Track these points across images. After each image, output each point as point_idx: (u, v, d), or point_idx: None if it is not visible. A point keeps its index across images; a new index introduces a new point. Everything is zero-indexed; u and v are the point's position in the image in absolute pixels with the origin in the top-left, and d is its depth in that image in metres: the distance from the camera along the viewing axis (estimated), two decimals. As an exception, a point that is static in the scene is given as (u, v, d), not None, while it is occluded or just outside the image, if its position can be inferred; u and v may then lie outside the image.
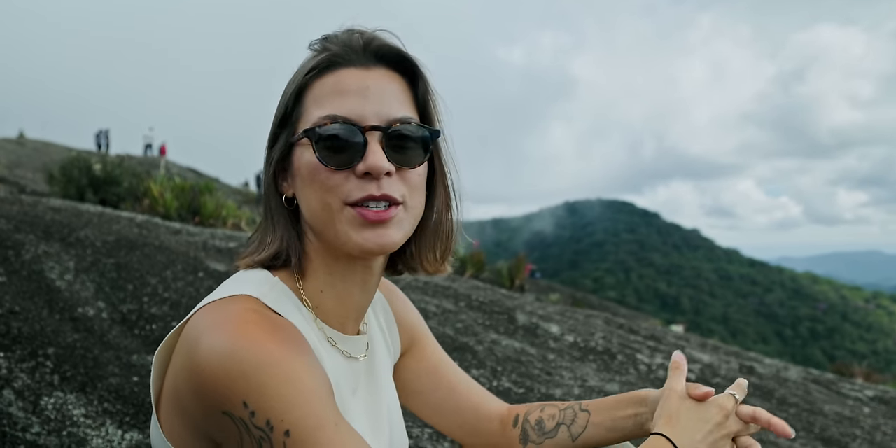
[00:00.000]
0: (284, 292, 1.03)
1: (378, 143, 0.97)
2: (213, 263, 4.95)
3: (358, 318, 1.12)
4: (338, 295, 1.07)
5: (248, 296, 0.97)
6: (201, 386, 0.87)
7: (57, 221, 5.05)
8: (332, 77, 1.00)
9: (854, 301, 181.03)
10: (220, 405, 0.86)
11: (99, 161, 10.77)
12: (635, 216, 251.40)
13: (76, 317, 3.54)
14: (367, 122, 0.97)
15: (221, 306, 0.94)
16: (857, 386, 6.68)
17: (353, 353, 1.10)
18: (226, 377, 0.85)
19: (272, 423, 0.83)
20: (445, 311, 5.30)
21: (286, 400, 0.84)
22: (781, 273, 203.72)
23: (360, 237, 0.97)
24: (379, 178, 0.97)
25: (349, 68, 1.00)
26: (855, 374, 9.04)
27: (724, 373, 5.57)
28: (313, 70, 1.00)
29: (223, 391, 0.85)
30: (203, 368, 0.86)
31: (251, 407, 0.84)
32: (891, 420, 5.40)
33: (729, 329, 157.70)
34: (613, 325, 6.87)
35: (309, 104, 1.00)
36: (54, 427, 2.54)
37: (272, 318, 0.94)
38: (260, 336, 0.88)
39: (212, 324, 0.91)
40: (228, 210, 9.38)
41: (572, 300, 19.46)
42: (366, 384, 1.13)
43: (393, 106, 0.99)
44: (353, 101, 0.98)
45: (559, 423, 1.25)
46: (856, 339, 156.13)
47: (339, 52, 1.00)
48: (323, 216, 0.99)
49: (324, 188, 0.97)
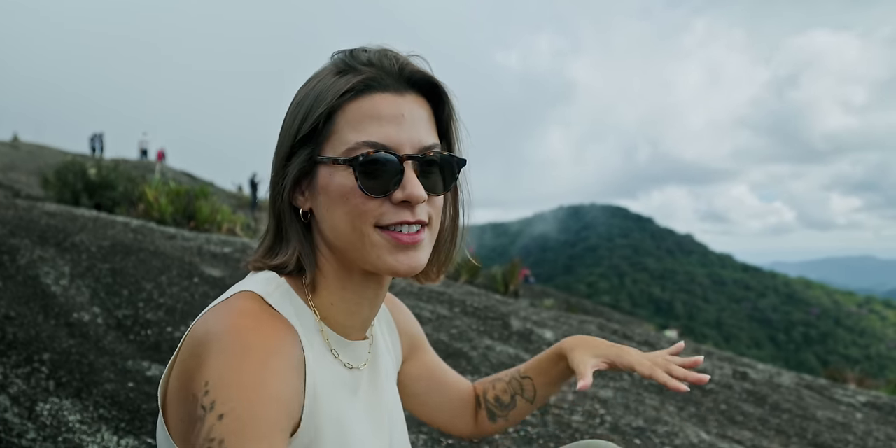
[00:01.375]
0: (288, 294, 1.05)
1: (413, 172, 0.99)
2: (208, 268, 4.95)
3: (364, 327, 1.14)
4: (348, 309, 1.09)
5: (252, 292, 1.00)
6: (190, 360, 0.92)
7: (52, 226, 5.05)
8: (367, 101, 1.00)
9: (847, 306, 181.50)
10: (193, 383, 0.89)
11: (94, 165, 10.76)
12: (629, 221, 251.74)
13: (71, 322, 3.54)
14: (403, 150, 0.99)
15: (226, 303, 0.98)
16: (849, 391, 6.70)
17: (354, 359, 1.12)
18: (203, 356, 0.89)
19: (216, 404, 0.85)
20: (440, 316, 5.31)
21: (239, 390, 0.85)
22: (775, 278, 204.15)
23: (394, 260, 1.00)
24: (416, 205, 1.00)
25: (384, 93, 1.01)
26: (848, 379, 9.07)
27: (717, 378, 5.59)
28: (349, 92, 1.00)
29: (197, 367, 0.89)
30: (196, 344, 0.92)
31: (208, 386, 0.86)
32: (883, 426, 5.42)
33: (722, 334, 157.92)
34: (607, 331, 6.89)
35: (342, 126, 1.00)
36: (50, 433, 2.54)
37: (270, 313, 0.97)
38: (252, 325, 0.92)
39: (216, 316, 0.95)
40: (223, 215, 9.37)
41: (566, 305, 19.47)
42: (367, 390, 1.14)
43: (423, 133, 1.02)
44: (389, 128, 0.99)
45: (513, 394, 1.38)
46: (849, 344, 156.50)
47: (375, 77, 1.01)
48: (351, 237, 1.01)
49: (356, 212, 0.99)
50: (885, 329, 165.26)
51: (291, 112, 1.05)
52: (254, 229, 9.31)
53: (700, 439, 3.87)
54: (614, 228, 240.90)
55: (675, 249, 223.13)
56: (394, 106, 1.00)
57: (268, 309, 0.99)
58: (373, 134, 0.98)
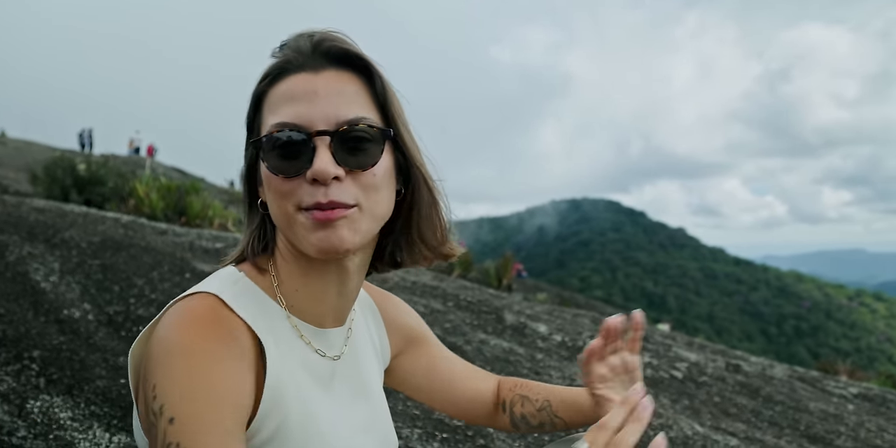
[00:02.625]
0: (248, 288, 1.04)
1: (327, 149, 0.95)
2: (199, 264, 4.93)
3: (338, 317, 1.13)
4: (313, 295, 1.08)
5: (207, 293, 0.99)
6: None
7: (41, 222, 5.02)
8: (283, 84, 1.00)
9: (838, 299, 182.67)
10: (146, 385, 0.90)
11: (83, 161, 10.70)
12: (622, 215, 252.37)
13: (62, 319, 3.51)
14: (315, 127, 0.96)
15: (182, 304, 0.98)
16: (841, 383, 6.73)
17: (327, 347, 1.11)
18: (150, 360, 0.90)
19: (164, 409, 0.85)
20: (434, 311, 5.30)
21: (185, 391, 0.86)
22: (766, 271, 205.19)
23: (315, 238, 0.97)
24: (326, 184, 0.96)
25: (299, 73, 0.99)
26: (839, 371, 9.11)
27: (710, 371, 5.60)
28: (266, 77, 1.01)
29: (145, 373, 0.91)
30: (147, 350, 0.94)
31: (156, 391, 0.87)
32: (874, 417, 5.45)
33: (714, 327, 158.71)
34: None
35: (265, 112, 1.01)
36: (41, 431, 2.52)
37: (222, 316, 0.96)
38: (196, 330, 0.91)
39: (164, 320, 0.96)
40: (215, 210, 9.34)
41: (559, 299, 19.50)
42: (343, 382, 1.13)
43: (343, 108, 0.98)
44: (301, 106, 0.97)
45: (541, 423, 1.36)
46: (839, 337, 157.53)
47: (290, 59, 1.00)
48: (283, 221, 1.00)
49: (279, 195, 0.98)
50: (875, 322, 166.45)
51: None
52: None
53: (694, 432, 3.87)
54: (606, 223, 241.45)
55: (667, 243, 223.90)
56: (307, 84, 0.98)
57: (218, 308, 0.97)
58: (284, 114, 0.97)
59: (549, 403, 1.34)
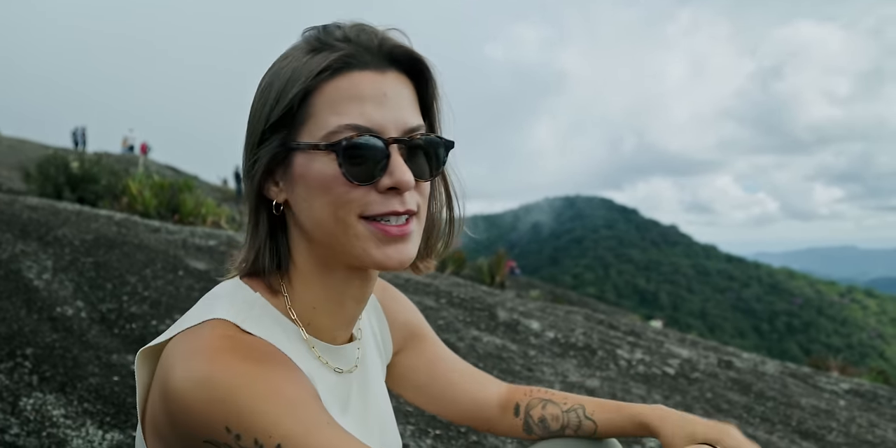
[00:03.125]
0: (265, 310, 0.99)
1: (400, 156, 0.92)
2: (193, 261, 4.93)
3: (349, 326, 1.09)
4: (332, 311, 1.03)
5: (223, 320, 0.93)
6: (178, 416, 0.85)
7: (34, 220, 5.01)
8: (346, 80, 0.92)
9: (829, 295, 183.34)
10: (201, 434, 0.84)
11: (76, 159, 10.66)
12: (614, 212, 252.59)
13: (55, 316, 3.51)
14: (387, 133, 0.92)
15: (195, 333, 0.91)
16: (832, 379, 6.77)
17: (344, 364, 1.08)
18: (203, 405, 0.82)
19: (260, 441, 0.81)
20: (427, 308, 5.31)
21: (269, 416, 0.81)
22: (758, 268, 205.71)
23: (382, 254, 0.93)
24: (403, 193, 0.93)
25: (364, 71, 0.93)
26: (830, 367, 9.16)
27: (703, 367, 5.62)
28: (325, 70, 0.92)
29: (202, 420, 0.83)
30: (178, 399, 0.84)
31: (234, 431, 0.82)
32: (865, 412, 5.48)
33: (707, 324, 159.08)
34: (593, 321, 6.92)
35: (320, 108, 0.92)
36: (34, 428, 2.52)
37: (247, 342, 0.91)
38: (232, 361, 0.85)
39: (184, 353, 0.88)
40: (208, 208, 9.32)
41: (552, 296, 19.53)
42: (357, 395, 1.11)
43: (407, 114, 0.94)
44: (371, 109, 0.91)
45: (564, 425, 1.26)
46: (831, 333, 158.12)
47: (353, 53, 0.92)
48: (334, 229, 0.93)
49: (339, 201, 0.92)
50: (867, 318, 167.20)
51: (260, 96, 0.97)
52: (239, 222, 9.27)
53: (686, 428, 3.89)
54: (599, 220, 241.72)
55: (659, 240, 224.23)
56: (375, 85, 0.92)
57: (243, 335, 0.92)
58: (354, 116, 0.91)
59: (583, 406, 1.26)
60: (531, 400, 1.31)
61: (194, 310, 0.97)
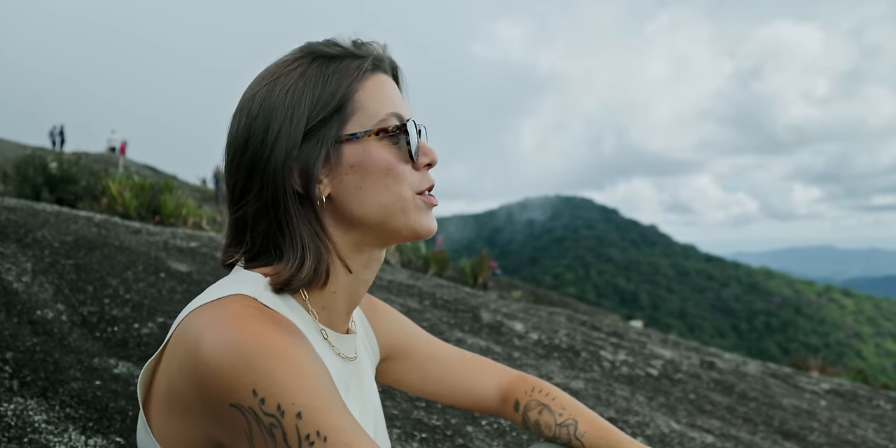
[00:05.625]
0: (279, 293, 1.02)
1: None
2: (174, 263, 4.88)
3: (349, 314, 1.14)
4: (350, 295, 1.09)
5: (244, 295, 0.96)
6: (207, 382, 0.87)
7: (12, 221, 4.94)
8: (376, 78, 1.06)
9: (807, 295, 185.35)
10: (228, 398, 0.86)
11: (55, 159, 10.54)
12: (594, 212, 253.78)
13: (35, 320, 3.46)
14: None
15: (218, 305, 0.94)
16: (813, 379, 6.83)
17: (348, 351, 1.13)
18: (233, 369, 0.85)
19: (283, 407, 0.84)
20: (410, 310, 5.30)
21: (294, 385, 0.85)
22: (737, 268, 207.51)
23: (432, 222, 1.07)
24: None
25: (383, 74, 1.08)
26: (810, 367, 9.25)
27: (685, 368, 5.66)
28: (360, 70, 1.04)
29: (231, 383, 0.85)
30: (208, 364, 0.86)
31: (260, 394, 0.84)
32: (846, 412, 5.54)
33: (686, 324, 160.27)
34: (576, 322, 6.94)
35: (366, 101, 1.03)
36: (15, 434, 2.48)
37: (270, 314, 0.94)
38: (262, 328, 0.89)
39: (211, 322, 0.90)
40: (189, 209, 9.24)
41: (534, 297, 19.57)
42: (355, 384, 1.15)
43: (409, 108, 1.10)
44: (398, 102, 1.07)
45: (554, 437, 1.31)
46: (809, 333, 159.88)
47: (379, 57, 1.08)
48: (395, 207, 1.03)
49: (400, 181, 1.03)
50: (844, 317, 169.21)
51: (294, 97, 1.00)
52: (220, 223, 9.21)
53: (671, 429, 3.91)
54: (579, 220, 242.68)
55: (639, 240, 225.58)
56: (391, 84, 1.09)
57: (265, 308, 0.95)
58: (394, 105, 1.05)
59: (576, 422, 1.30)
60: (529, 401, 1.35)
61: (210, 290, 1.00)
